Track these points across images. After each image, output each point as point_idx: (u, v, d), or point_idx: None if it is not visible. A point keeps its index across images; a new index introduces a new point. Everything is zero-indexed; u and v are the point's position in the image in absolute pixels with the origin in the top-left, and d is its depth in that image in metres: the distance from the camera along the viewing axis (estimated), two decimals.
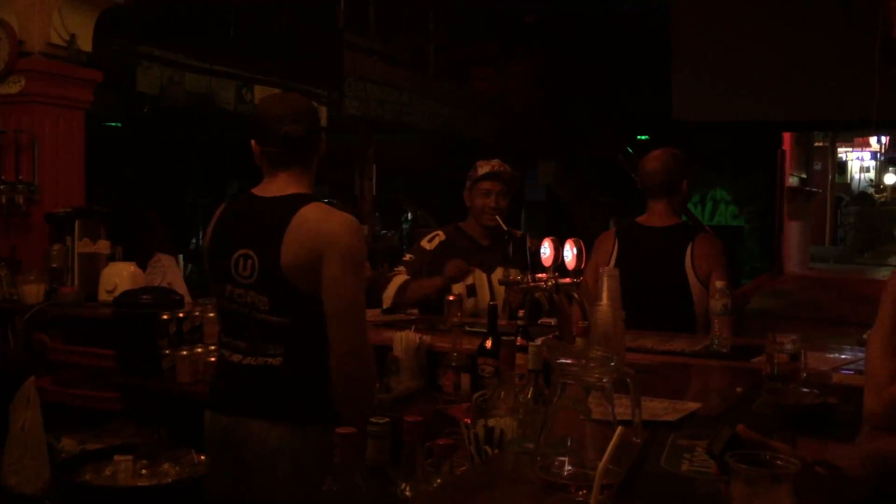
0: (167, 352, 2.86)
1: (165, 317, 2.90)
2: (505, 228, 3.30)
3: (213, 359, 2.83)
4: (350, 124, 9.25)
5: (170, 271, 3.51)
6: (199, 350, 2.88)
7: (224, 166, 10.93)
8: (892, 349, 1.72)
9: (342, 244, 2.03)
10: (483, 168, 3.38)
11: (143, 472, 2.11)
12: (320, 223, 2.04)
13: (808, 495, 1.15)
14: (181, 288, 3.40)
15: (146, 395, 2.95)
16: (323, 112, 8.37)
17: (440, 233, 3.48)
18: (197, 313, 2.98)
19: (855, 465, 1.25)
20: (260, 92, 7.44)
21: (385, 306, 3.37)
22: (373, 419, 1.40)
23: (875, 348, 1.74)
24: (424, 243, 3.47)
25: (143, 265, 3.59)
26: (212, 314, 2.96)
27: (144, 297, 3.04)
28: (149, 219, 9.71)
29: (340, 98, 8.61)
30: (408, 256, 3.46)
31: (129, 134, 9.35)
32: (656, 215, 3.15)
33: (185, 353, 2.84)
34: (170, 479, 2.06)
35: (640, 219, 3.20)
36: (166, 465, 2.14)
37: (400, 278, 3.38)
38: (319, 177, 2.29)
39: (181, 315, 2.93)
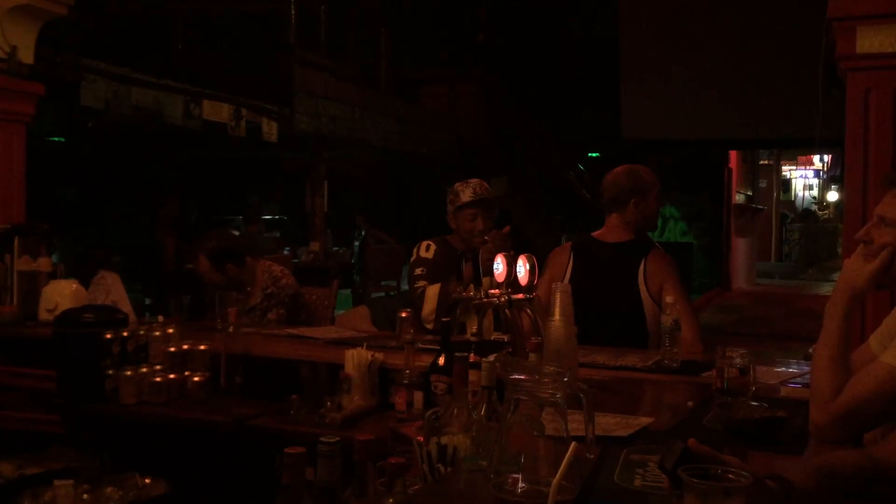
0: (110, 372, 2.77)
1: (109, 336, 2.81)
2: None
3: (158, 379, 2.76)
4: (301, 140, 9.19)
5: (114, 289, 3.42)
6: (144, 370, 2.80)
7: (172, 182, 10.76)
8: (837, 364, 1.74)
9: None
10: (465, 193, 3.44)
11: (85, 496, 2.04)
12: None
13: None
14: (126, 306, 3.31)
15: (88, 418, 2.86)
16: (274, 128, 8.30)
17: (431, 243, 3.51)
18: (142, 332, 2.90)
19: (804, 478, 1.27)
20: (209, 107, 7.35)
21: (430, 327, 3.27)
22: (323, 438, 1.37)
23: (820, 363, 1.76)
24: (423, 253, 3.48)
25: (85, 283, 3.49)
26: (157, 333, 2.89)
27: (87, 315, 2.94)
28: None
29: (291, 114, 8.55)
30: (419, 270, 3.43)
31: (73, 149, 9.16)
32: (609, 230, 3.19)
33: (129, 373, 2.76)
34: None
35: (595, 233, 3.23)
36: (109, 490, 2.08)
37: (433, 288, 3.33)
38: (270, 193, 2.24)
39: (125, 334, 2.85)
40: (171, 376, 2.79)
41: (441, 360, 2.30)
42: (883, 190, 1.87)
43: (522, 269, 2.40)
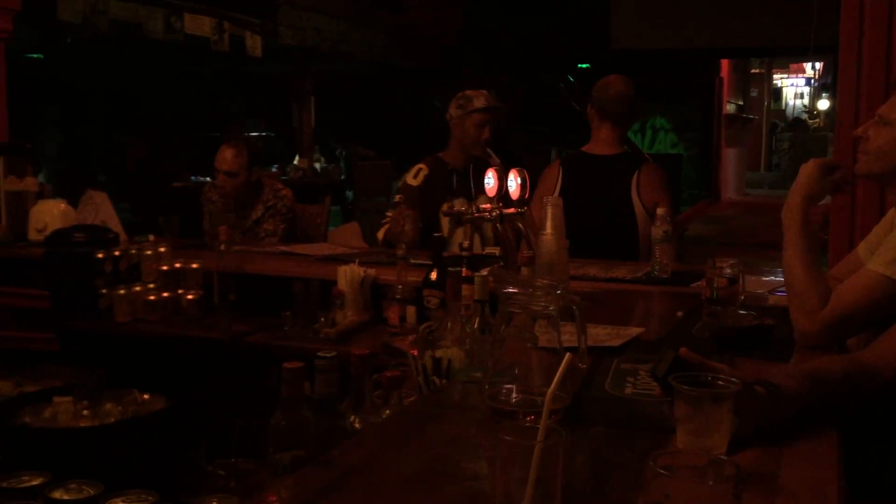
0: (104, 291, 2.79)
1: (100, 255, 2.82)
2: (497, 160, 3.32)
3: (152, 297, 2.78)
4: (286, 54, 8.99)
5: (102, 208, 3.40)
6: (138, 289, 2.82)
7: (155, 100, 10.58)
8: (812, 270, 1.77)
9: None
10: (478, 99, 3.41)
11: (85, 412, 2.07)
12: None
13: (747, 412, 1.18)
14: (116, 225, 3.30)
15: (84, 336, 2.88)
16: (258, 42, 8.11)
17: (423, 166, 3.47)
18: (133, 251, 2.91)
19: (790, 384, 1.29)
20: (190, 21, 7.15)
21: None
22: (320, 353, 1.39)
23: (798, 271, 1.78)
24: (410, 180, 3.47)
25: (74, 203, 3.47)
26: (149, 252, 2.90)
27: (77, 235, 2.94)
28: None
29: (275, 27, 8.34)
30: (397, 197, 3.45)
31: (53, 66, 8.95)
32: (603, 143, 3.16)
33: (122, 292, 2.78)
34: (112, 420, 2.02)
35: (585, 147, 3.20)
36: (108, 406, 2.10)
37: (384, 229, 3.38)
38: (255, 110, 2.20)
39: (117, 253, 2.86)
40: (165, 294, 2.81)
41: (433, 275, 2.32)
42: (882, 94, 1.86)
43: (514, 183, 2.39)
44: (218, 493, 1.36)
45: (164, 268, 2.87)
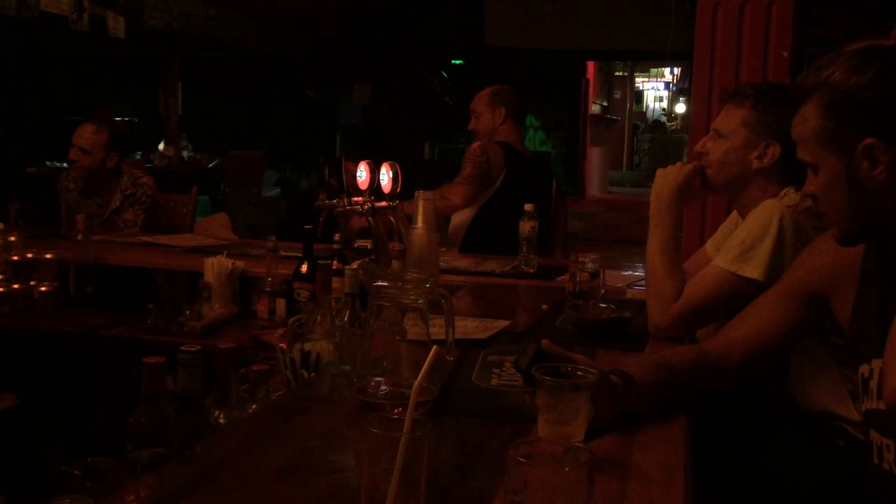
0: None
1: None
2: None
3: (0, 289, 2.62)
4: (151, 37, 8.62)
5: None
6: None
7: (15, 81, 9.90)
8: (675, 268, 1.87)
9: None
10: None
11: None
12: None
13: (604, 401, 1.25)
14: None
15: None
16: (121, 23, 7.73)
17: None
18: None
19: (644, 373, 1.37)
20: None
21: None
22: (183, 347, 1.35)
23: (659, 268, 1.87)
24: None
25: None
26: None
27: None
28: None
29: (140, 8, 7.98)
30: None
31: None
32: (520, 141, 3.54)
33: None
34: None
35: (509, 140, 3.45)
36: None
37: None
38: (119, 94, 2.11)
39: None
40: (15, 286, 2.65)
41: (304, 268, 2.30)
42: (722, 104, 1.98)
43: (385, 176, 2.41)
44: (71, 494, 1.30)
45: (15, 258, 2.71)
